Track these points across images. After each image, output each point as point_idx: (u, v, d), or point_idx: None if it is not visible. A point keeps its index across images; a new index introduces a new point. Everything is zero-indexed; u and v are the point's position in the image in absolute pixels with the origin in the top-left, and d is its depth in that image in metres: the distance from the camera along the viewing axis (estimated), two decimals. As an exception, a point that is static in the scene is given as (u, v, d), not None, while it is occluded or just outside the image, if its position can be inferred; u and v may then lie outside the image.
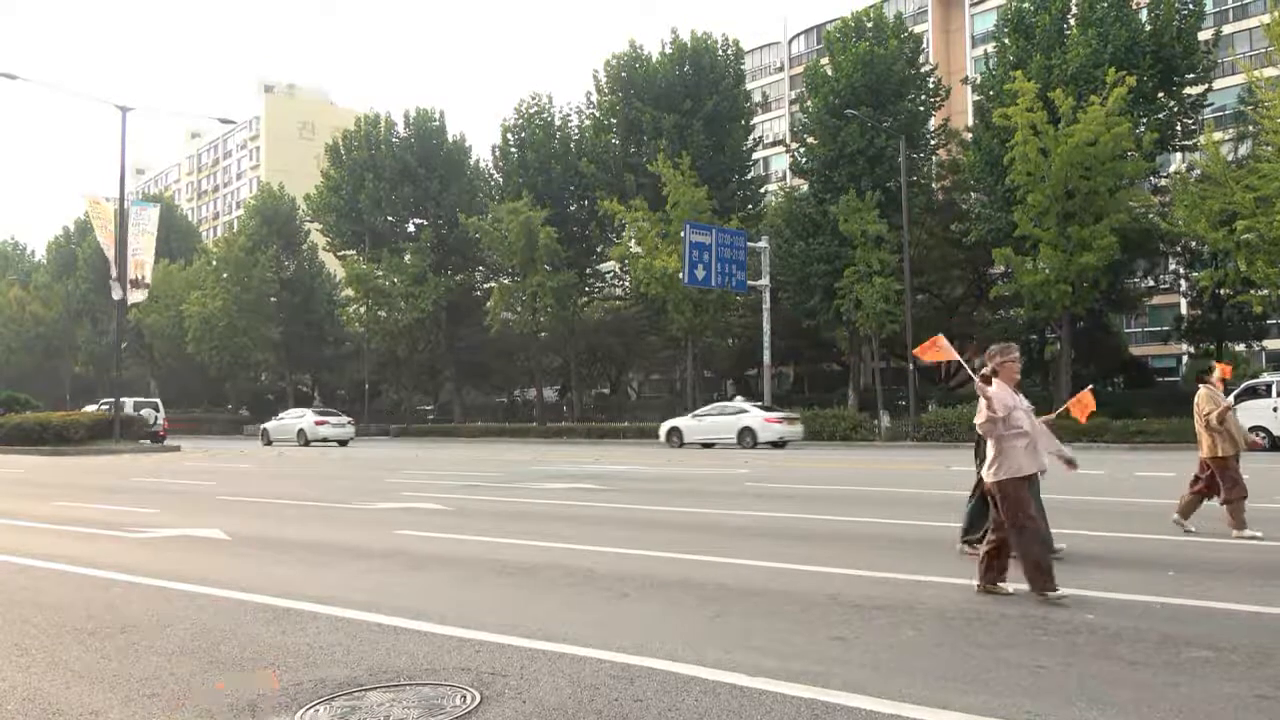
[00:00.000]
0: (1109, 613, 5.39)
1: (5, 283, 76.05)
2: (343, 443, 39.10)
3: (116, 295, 32.31)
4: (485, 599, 6.23)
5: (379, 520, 10.80)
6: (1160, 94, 34.32)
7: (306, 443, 38.77)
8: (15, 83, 31.42)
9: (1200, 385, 9.44)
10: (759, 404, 33.64)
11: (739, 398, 37.52)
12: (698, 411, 34.76)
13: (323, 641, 4.98)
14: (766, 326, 36.97)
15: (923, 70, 41.40)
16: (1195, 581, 6.39)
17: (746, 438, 31.21)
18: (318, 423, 39.69)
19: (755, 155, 49.85)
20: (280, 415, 43.56)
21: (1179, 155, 38.45)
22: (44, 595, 6.49)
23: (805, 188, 43.31)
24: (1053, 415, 8.06)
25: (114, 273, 32.76)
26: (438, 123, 54.66)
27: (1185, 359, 46.78)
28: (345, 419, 41.44)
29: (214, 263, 59.57)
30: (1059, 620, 5.20)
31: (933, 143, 42.66)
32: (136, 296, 33.85)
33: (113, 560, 7.92)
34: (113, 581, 6.95)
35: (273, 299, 59.19)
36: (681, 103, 44.10)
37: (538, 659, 4.54)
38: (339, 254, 56.28)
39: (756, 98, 53.78)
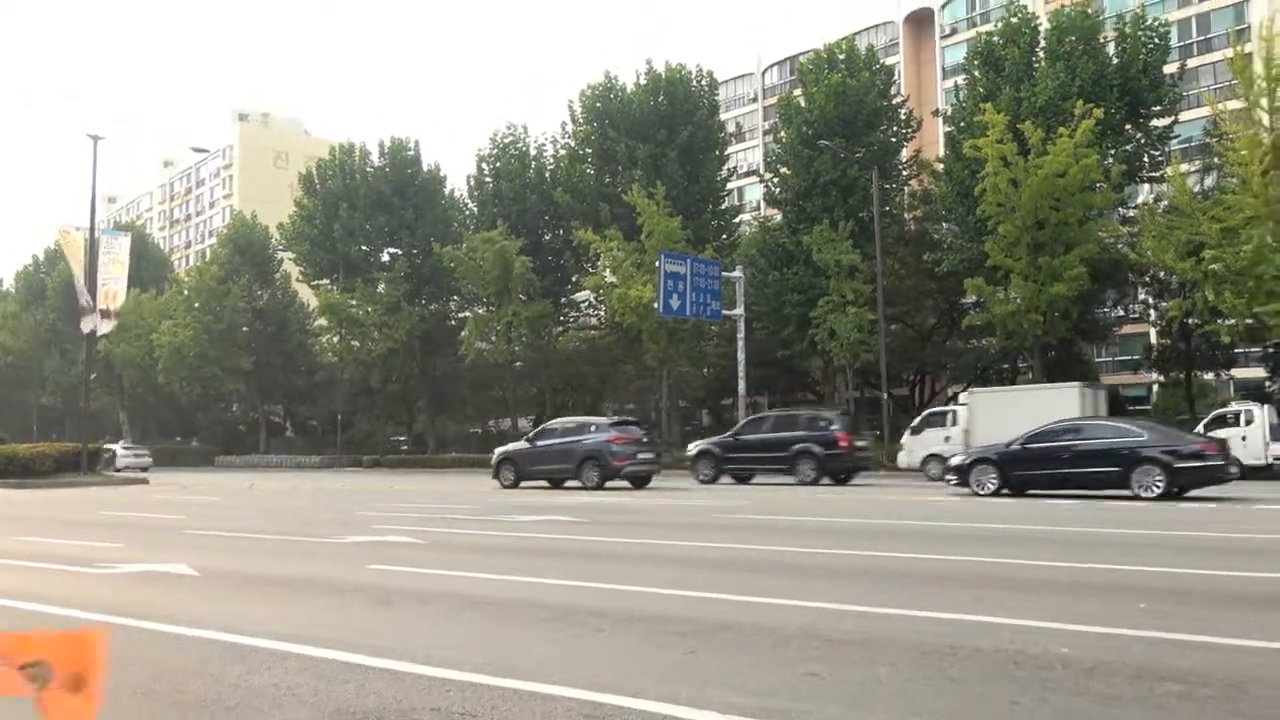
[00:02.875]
0: (1083, 646, 5.37)
1: (-28, 312, 75.16)
2: (144, 469, 44.85)
3: (86, 327, 32.00)
4: (457, 636, 6.14)
5: (350, 554, 10.67)
6: (1128, 126, 34.90)
7: (117, 470, 42.56)
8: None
9: None
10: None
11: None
12: None
13: (290, 681, 4.88)
14: (741, 356, 37.08)
15: (894, 102, 41.93)
16: (1169, 613, 6.39)
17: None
18: (123, 452, 47.19)
19: (730, 185, 50.25)
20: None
21: (1147, 186, 39.08)
22: (3, 634, 6.33)
23: (779, 218, 43.63)
24: None
25: (83, 303, 32.47)
26: (413, 152, 54.71)
27: (1155, 388, 47.20)
28: (144, 450, 50.13)
29: (185, 292, 59.20)
30: (1033, 654, 5.18)
31: (905, 173, 43.14)
32: (106, 327, 33.52)
33: (76, 597, 7.76)
34: (75, 620, 6.80)
35: (245, 329, 58.84)
36: (656, 133, 44.36)
37: (509, 698, 4.47)
38: (312, 283, 56.08)
39: (731, 128, 54.21)
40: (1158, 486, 17.93)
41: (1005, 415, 27.23)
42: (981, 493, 19.73)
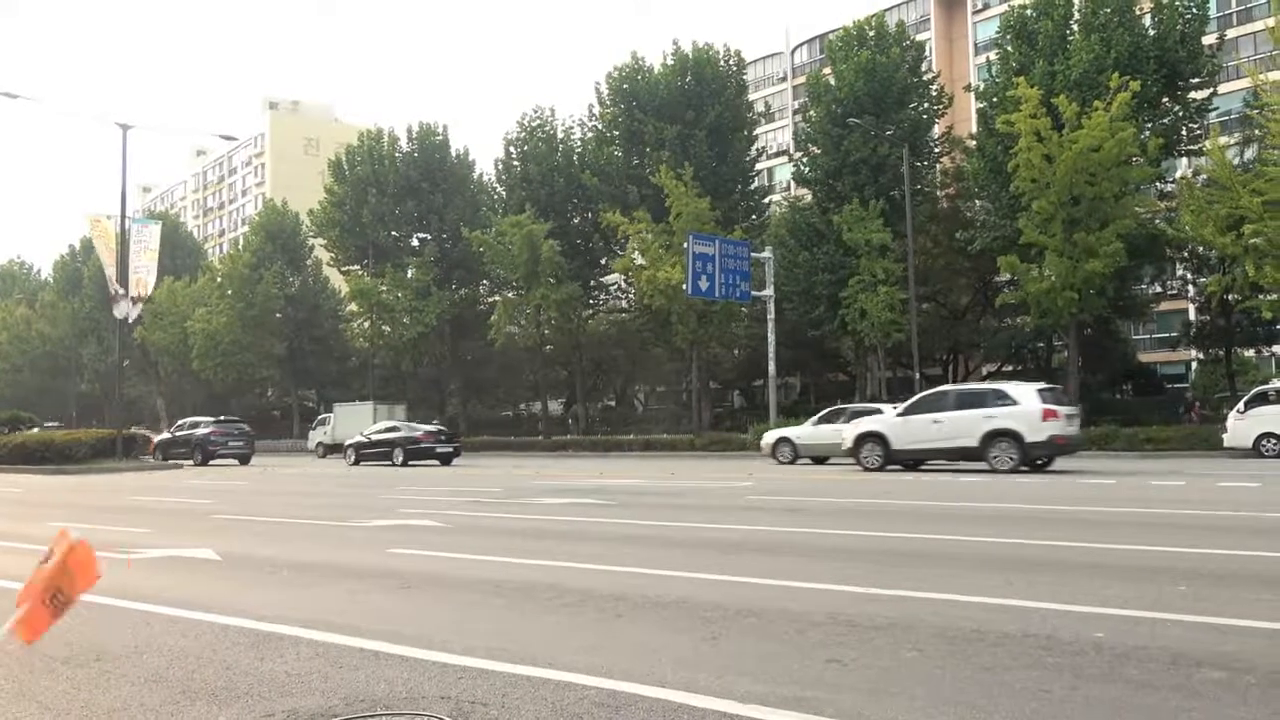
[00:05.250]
0: (1117, 631, 5.19)
1: (12, 301, 76.38)
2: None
3: (119, 314, 32.30)
4: (474, 621, 6.05)
5: (373, 539, 10.63)
6: (1165, 99, 34.14)
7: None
8: (21, 101, 31.43)
9: None
10: None
11: None
12: None
13: (301, 668, 4.81)
14: (771, 337, 36.80)
15: (925, 78, 41.33)
16: (1208, 596, 6.19)
17: None
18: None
19: (759, 165, 49.81)
20: None
21: (1185, 160, 38.29)
22: (23, 621, 6.31)
23: (809, 197, 43.21)
24: None
25: (113, 290, 32.78)
26: (441, 137, 54.74)
27: (1194, 365, 46.48)
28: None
29: (219, 279, 59.68)
30: (1065, 640, 5.00)
31: (936, 151, 42.57)
32: (135, 313, 33.86)
33: (99, 583, 7.74)
34: (95, 605, 6.75)
35: (277, 315, 59.25)
36: (684, 114, 44.03)
37: (521, 685, 4.36)
38: (343, 269, 56.34)
39: (759, 108, 53.70)
40: (400, 459, 32.70)
41: (348, 419, 46.48)
42: (349, 464, 34.25)
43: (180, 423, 40.61)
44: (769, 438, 29.24)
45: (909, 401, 23.35)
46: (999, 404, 20.81)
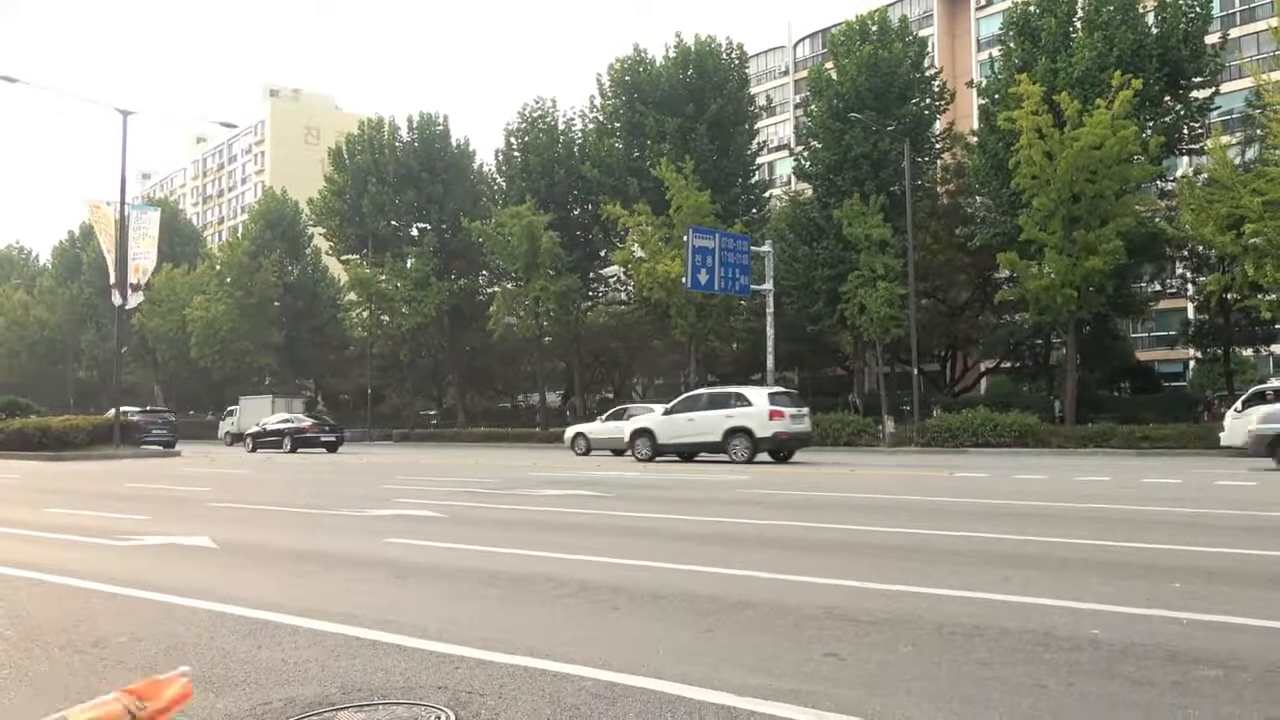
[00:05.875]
0: (1113, 627, 5.20)
1: (10, 287, 76.14)
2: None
3: (116, 300, 32.25)
4: (471, 612, 6.05)
5: (370, 528, 10.63)
6: (1167, 97, 34.08)
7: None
8: (20, 86, 31.28)
9: None
10: None
11: None
12: None
13: (298, 657, 4.81)
14: (770, 331, 36.75)
15: (927, 74, 41.20)
16: (1204, 594, 6.20)
17: None
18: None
19: (759, 159, 49.68)
20: None
21: (1186, 159, 38.26)
22: (21, 606, 6.33)
23: (809, 192, 43.12)
24: None
25: (113, 277, 32.73)
26: (441, 127, 54.57)
27: (1193, 364, 46.49)
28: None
29: (218, 267, 59.52)
30: (1062, 636, 5.01)
31: (937, 147, 42.47)
32: (134, 300, 33.77)
33: (97, 570, 7.76)
34: (93, 592, 6.79)
35: (276, 303, 59.11)
36: (685, 106, 43.89)
37: (518, 676, 4.37)
38: (342, 258, 56.21)
39: (761, 102, 53.53)
40: (289, 446, 36.17)
41: (252, 411, 49.89)
42: (248, 451, 37.07)
43: (129, 410, 42.58)
44: (569, 432, 33.05)
45: (672, 403, 26.10)
46: (737, 405, 23.85)
